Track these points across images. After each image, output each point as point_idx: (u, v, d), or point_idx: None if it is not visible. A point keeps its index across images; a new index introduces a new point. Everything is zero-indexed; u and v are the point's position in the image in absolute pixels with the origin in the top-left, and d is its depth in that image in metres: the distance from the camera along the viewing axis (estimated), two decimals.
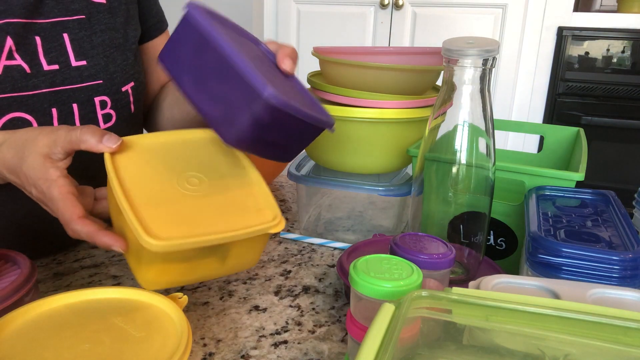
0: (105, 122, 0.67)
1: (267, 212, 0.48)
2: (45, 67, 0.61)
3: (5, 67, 0.58)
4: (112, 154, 0.48)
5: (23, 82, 0.59)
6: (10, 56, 0.59)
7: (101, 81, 0.66)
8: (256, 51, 0.54)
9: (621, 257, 0.43)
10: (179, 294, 0.48)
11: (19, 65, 0.59)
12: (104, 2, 0.68)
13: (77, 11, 0.65)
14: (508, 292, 0.40)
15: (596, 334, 0.30)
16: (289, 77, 0.55)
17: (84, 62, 0.65)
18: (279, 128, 0.48)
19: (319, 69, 0.80)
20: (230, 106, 0.46)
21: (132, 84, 0.70)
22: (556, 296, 0.40)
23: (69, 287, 0.60)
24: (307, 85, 0.82)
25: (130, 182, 0.46)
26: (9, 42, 0.58)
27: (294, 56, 0.55)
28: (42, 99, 0.61)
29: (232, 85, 0.45)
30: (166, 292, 0.53)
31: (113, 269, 0.64)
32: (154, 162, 0.49)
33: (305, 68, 2.41)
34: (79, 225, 0.46)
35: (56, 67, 0.62)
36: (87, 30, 0.65)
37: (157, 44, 0.80)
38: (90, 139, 0.48)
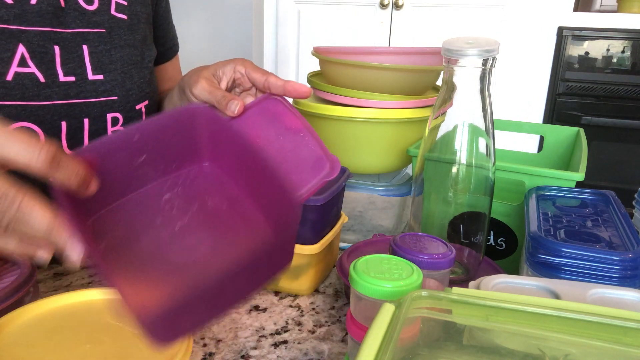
0: None
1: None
2: (61, 77, 0.60)
3: (16, 74, 0.57)
4: None
5: (35, 90, 0.58)
6: (23, 63, 0.57)
7: (116, 97, 0.65)
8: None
9: (621, 257, 0.43)
10: None
11: (32, 74, 0.58)
12: (125, 18, 0.67)
13: (99, 24, 0.64)
14: (508, 292, 0.40)
15: (596, 334, 0.30)
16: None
17: (100, 77, 0.63)
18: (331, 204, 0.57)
19: (319, 69, 0.80)
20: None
21: (146, 102, 0.70)
22: (556, 296, 0.40)
23: (69, 287, 0.60)
24: (307, 85, 0.82)
25: None
26: (21, 49, 0.57)
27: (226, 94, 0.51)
28: (53, 110, 0.60)
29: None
30: None
31: None
32: None
33: (305, 68, 2.40)
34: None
35: (72, 79, 0.61)
36: (107, 45, 0.64)
37: (171, 66, 0.82)
38: None
